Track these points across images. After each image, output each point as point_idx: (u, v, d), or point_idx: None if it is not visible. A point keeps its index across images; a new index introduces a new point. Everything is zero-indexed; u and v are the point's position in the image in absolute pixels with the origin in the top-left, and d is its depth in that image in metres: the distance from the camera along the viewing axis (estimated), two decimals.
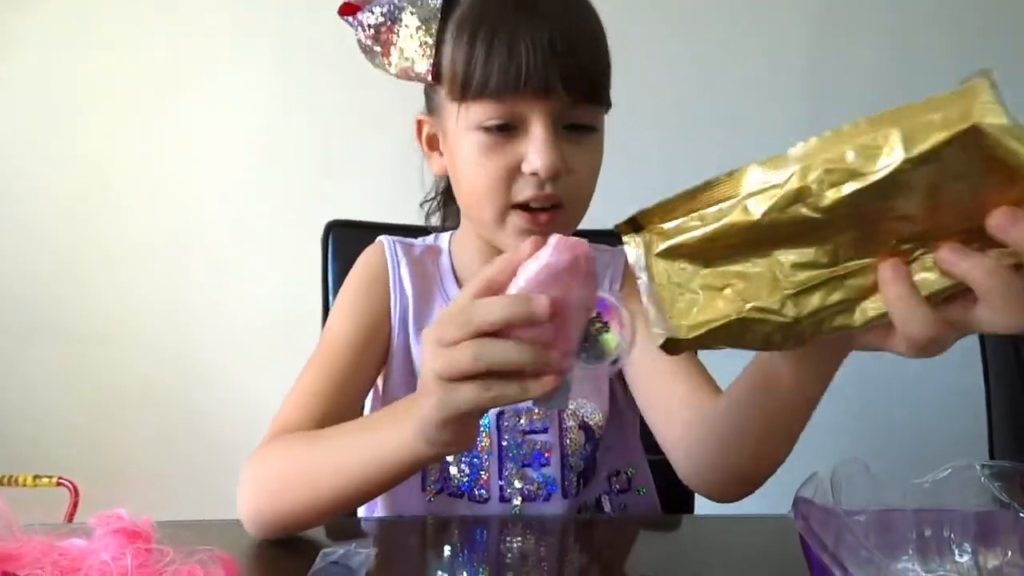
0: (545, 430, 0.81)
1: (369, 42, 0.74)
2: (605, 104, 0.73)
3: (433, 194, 0.96)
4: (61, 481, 1.40)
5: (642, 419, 0.81)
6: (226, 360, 1.72)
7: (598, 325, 0.49)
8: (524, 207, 0.70)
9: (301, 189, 1.71)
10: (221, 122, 1.71)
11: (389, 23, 0.73)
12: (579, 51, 0.68)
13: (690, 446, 0.70)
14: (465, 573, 0.61)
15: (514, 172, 0.69)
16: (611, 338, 0.49)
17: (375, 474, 0.60)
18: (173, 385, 1.73)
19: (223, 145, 1.71)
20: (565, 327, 0.47)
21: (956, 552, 0.54)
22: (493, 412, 0.80)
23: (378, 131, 1.66)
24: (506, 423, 0.81)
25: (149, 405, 1.72)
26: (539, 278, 0.46)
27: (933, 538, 0.54)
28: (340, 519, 0.95)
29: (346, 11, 0.74)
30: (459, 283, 0.84)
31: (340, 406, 0.74)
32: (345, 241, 1.06)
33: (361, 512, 0.89)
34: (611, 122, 0.80)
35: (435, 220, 0.94)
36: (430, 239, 0.89)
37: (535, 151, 0.67)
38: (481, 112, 0.69)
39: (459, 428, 0.52)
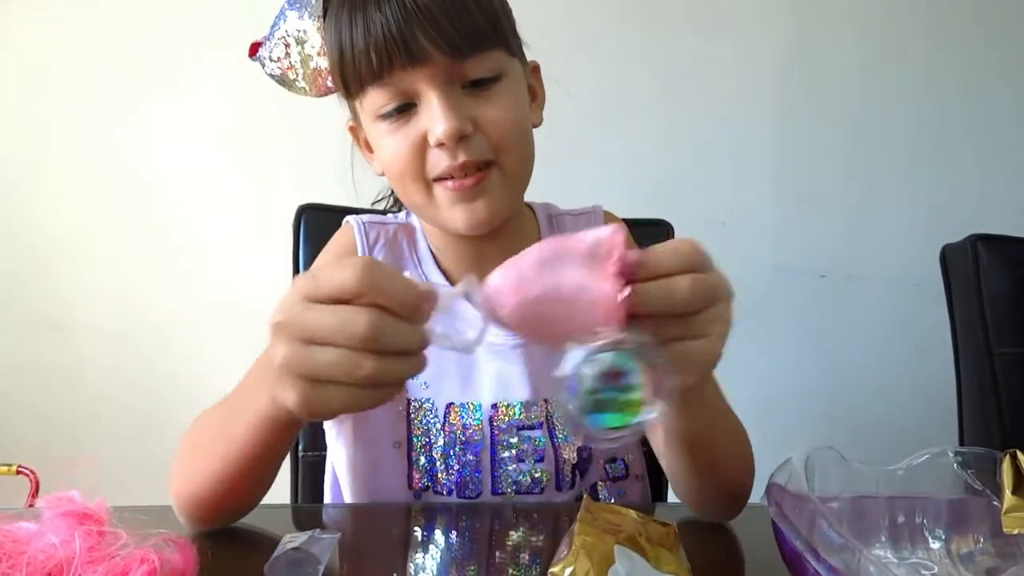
0: (538, 426, 0.78)
1: (279, 71, 0.74)
2: (499, 47, 0.68)
3: (388, 191, 0.94)
4: (21, 470, 1.37)
5: None
6: (192, 348, 1.69)
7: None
8: (447, 178, 0.68)
9: (271, 174, 1.68)
10: (187, 107, 1.67)
11: (287, 47, 0.72)
12: (439, 4, 0.63)
13: (668, 476, 0.72)
14: (435, 559, 0.60)
15: (423, 146, 0.68)
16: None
17: (242, 446, 0.57)
18: (138, 374, 1.69)
19: (189, 130, 1.67)
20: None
21: (929, 539, 0.53)
22: (486, 406, 0.78)
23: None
24: (498, 417, 0.78)
25: (113, 394, 1.68)
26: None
27: (906, 525, 0.54)
28: (307, 506, 0.93)
29: (254, 51, 0.74)
30: (438, 263, 0.81)
31: None
32: (317, 225, 1.03)
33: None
34: (585, 121, 0.78)
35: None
36: (402, 216, 0.86)
37: (432, 120, 0.65)
38: (373, 100, 0.68)
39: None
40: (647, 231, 1.06)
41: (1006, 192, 1.74)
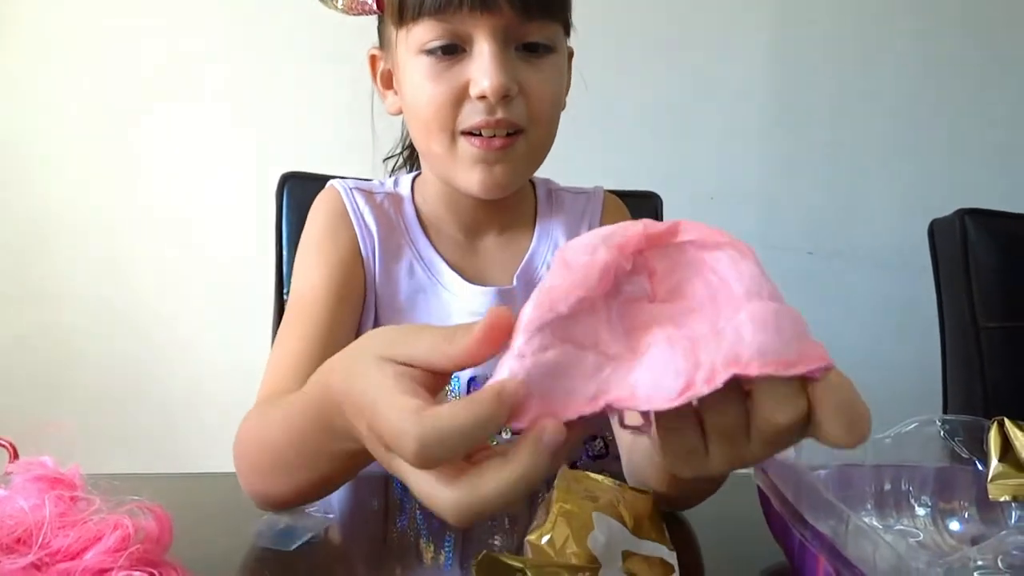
0: None
1: None
2: (559, 20, 0.69)
3: (399, 148, 0.91)
4: None
5: None
6: (173, 318, 1.67)
7: None
8: (476, 134, 0.67)
9: (252, 142, 1.65)
10: (169, 74, 1.64)
11: None
12: None
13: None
14: (424, 533, 0.59)
15: (461, 96, 0.66)
16: None
17: (330, 473, 0.49)
18: (119, 344, 1.66)
19: (170, 99, 1.64)
20: None
21: (915, 506, 0.53)
22: (464, 378, 0.75)
23: (333, 81, 1.60)
24: (476, 389, 0.76)
25: (93, 365, 1.66)
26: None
27: (892, 493, 0.53)
28: None
29: None
30: (427, 234, 0.78)
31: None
32: (300, 194, 1.01)
33: None
34: (573, 95, 0.76)
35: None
36: (389, 184, 0.83)
37: (481, 71, 0.64)
38: (423, 33, 0.65)
39: None
40: (636, 203, 1.05)
41: (992, 168, 1.74)
